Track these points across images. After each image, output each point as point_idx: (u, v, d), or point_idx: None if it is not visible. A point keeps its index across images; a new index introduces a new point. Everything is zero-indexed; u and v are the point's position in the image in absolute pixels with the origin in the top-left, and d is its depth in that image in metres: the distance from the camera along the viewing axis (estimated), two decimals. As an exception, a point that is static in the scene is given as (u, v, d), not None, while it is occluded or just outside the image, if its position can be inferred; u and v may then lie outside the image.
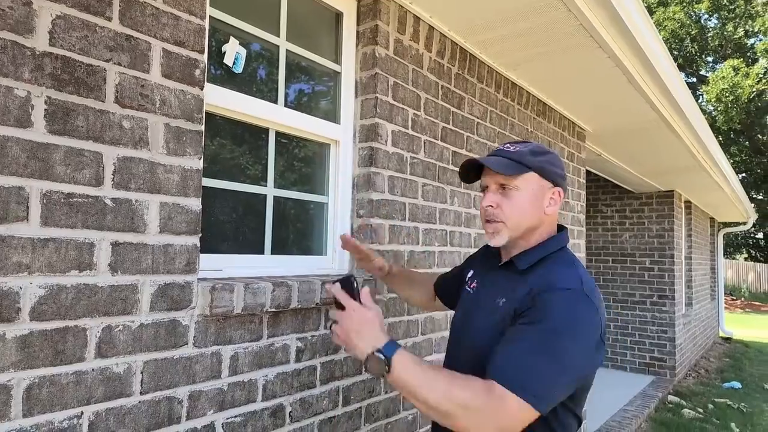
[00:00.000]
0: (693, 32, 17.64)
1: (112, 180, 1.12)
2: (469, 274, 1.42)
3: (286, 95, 1.74)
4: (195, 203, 1.28)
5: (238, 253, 1.59)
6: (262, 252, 1.66)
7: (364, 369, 1.26)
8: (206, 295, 1.27)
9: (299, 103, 1.83)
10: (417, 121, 2.09)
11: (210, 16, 1.45)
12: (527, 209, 1.20)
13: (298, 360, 1.54)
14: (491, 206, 1.19)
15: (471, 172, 1.28)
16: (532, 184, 1.20)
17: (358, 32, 1.95)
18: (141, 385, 1.15)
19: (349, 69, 1.93)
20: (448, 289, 1.58)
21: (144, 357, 1.16)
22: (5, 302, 0.95)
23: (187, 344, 1.25)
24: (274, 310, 1.43)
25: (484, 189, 1.25)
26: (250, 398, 1.39)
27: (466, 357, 1.21)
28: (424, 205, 2.12)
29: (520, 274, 1.18)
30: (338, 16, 1.92)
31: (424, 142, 2.13)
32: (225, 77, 1.54)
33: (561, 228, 1.27)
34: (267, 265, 1.64)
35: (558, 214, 1.37)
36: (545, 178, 1.21)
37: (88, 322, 1.07)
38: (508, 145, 1.24)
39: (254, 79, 1.68)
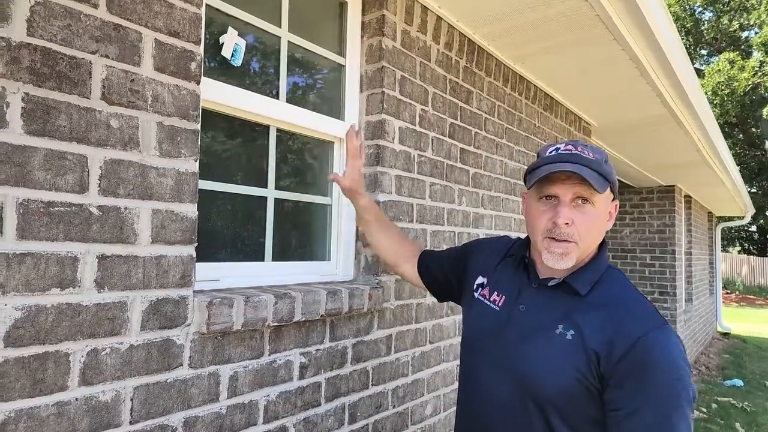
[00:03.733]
0: (688, 25, 17.56)
1: (99, 186, 1.01)
2: (479, 281, 1.27)
3: (288, 90, 1.62)
4: (191, 209, 1.16)
5: (237, 260, 1.48)
6: (262, 259, 1.55)
7: None
8: (203, 311, 1.16)
9: (301, 99, 1.71)
10: (425, 116, 1.98)
11: (207, 5, 1.33)
12: (599, 228, 1.08)
13: (301, 377, 1.43)
14: (568, 224, 1.05)
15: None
16: (605, 199, 1.07)
17: (363, 23, 1.83)
18: (131, 413, 1.04)
19: (354, 62, 1.81)
20: (436, 274, 1.44)
21: (134, 382, 1.05)
22: (-25, 329, 0.84)
23: (181, 366, 1.14)
24: (276, 324, 1.32)
25: (546, 197, 1.08)
26: (250, 421, 1.29)
27: (508, 381, 1.07)
28: (432, 206, 2.01)
29: (577, 296, 1.06)
30: (342, 6, 1.80)
31: (432, 139, 2.02)
32: (223, 71, 1.42)
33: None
34: (268, 273, 1.53)
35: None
36: (612, 191, 1.09)
37: (71, 345, 0.95)
38: (581, 148, 1.07)
39: (254, 73, 1.56)
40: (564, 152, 1.07)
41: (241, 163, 1.53)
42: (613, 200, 1.12)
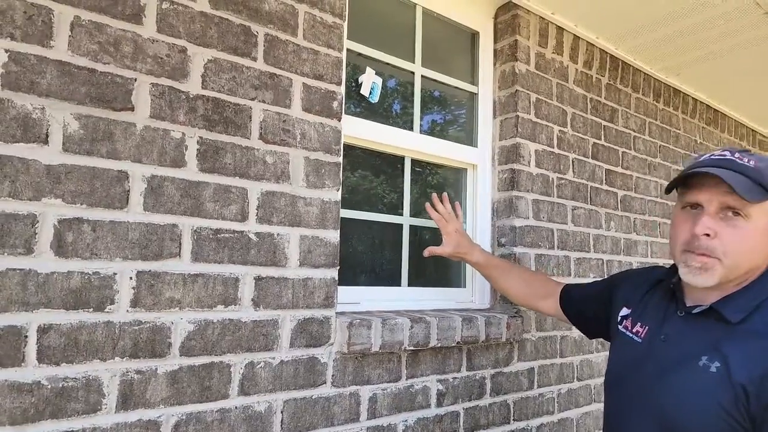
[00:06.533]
0: None
1: (256, 215, 1.13)
2: (624, 312, 1.15)
3: (422, 121, 1.67)
4: (333, 235, 1.25)
5: (375, 285, 1.53)
6: (399, 284, 1.59)
7: None
8: (344, 331, 1.21)
9: (435, 129, 1.76)
10: (563, 138, 1.89)
11: (347, 49, 1.45)
12: (754, 246, 0.92)
13: (439, 404, 1.42)
14: (708, 235, 0.92)
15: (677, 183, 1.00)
16: (765, 214, 0.92)
17: (495, 50, 1.83)
18: (281, 425, 1.12)
19: (486, 89, 1.82)
20: (581, 309, 1.34)
21: (284, 396, 1.14)
22: (158, 337, 0.98)
23: (325, 383, 1.20)
24: (412, 348, 1.33)
25: (691, 206, 0.97)
26: (389, 444, 1.30)
27: (648, 418, 0.96)
28: (575, 231, 1.90)
29: (726, 324, 0.92)
30: (474, 36, 1.83)
31: (573, 161, 1.92)
32: (362, 108, 1.52)
33: None
34: (404, 297, 1.56)
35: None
36: None
37: (232, 358, 1.07)
38: (738, 155, 0.95)
39: (390, 107, 1.64)
40: (717, 157, 0.94)
41: (380, 192, 1.60)
42: None
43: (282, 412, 1.13)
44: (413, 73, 1.66)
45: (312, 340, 1.19)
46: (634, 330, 1.10)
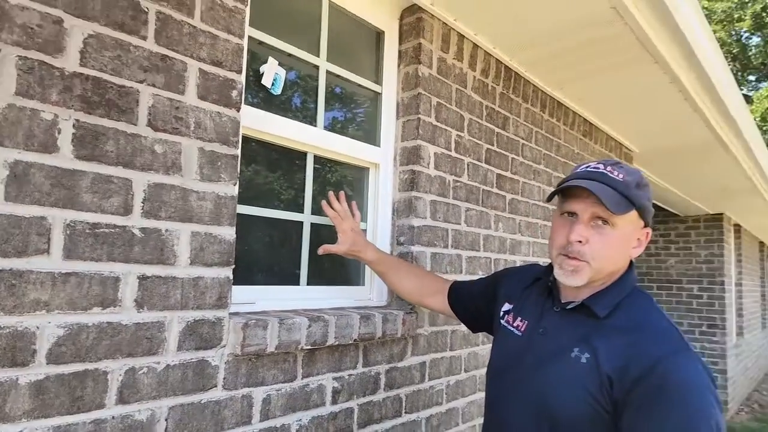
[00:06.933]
0: (734, 51, 17.07)
1: (142, 208, 1.04)
2: (506, 307, 1.26)
3: (325, 117, 1.65)
4: (229, 232, 1.19)
5: (272, 284, 1.49)
6: (297, 283, 1.56)
7: None
8: (238, 333, 1.16)
9: (338, 126, 1.74)
10: (460, 142, 1.97)
11: (249, 36, 1.38)
12: (618, 251, 1.05)
13: (334, 402, 1.42)
14: (580, 241, 1.03)
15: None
16: (629, 223, 1.04)
17: (400, 51, 1.85)
18: (165, 434, 1.05)
19: (390, 89, 1.84)
20: (466, 304, 1.43)
21: (169, 402, 1.06)
22: (20, 344, 0.87)
23: (216, 387, 1.14)
24: (309, 347, 1.32)
25: (568, 214, 1.07)
26: (282, 446, 1.28)
27: (525, 406, 1.06)
28: (467, 231, 1.99)
29: (595, 319, 1.03)
30: (379, 35, 1.84)
31: (468, 165, 2.01)
32: (262, 99, 1.47)
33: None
34: (302, 297, 1.53)
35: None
36: (641, 217, 1.05)
37: (110, 364, 0.97)
38: (610, 168, 1.05)
39: (293, 101, 1.60)
40: (592, 170, 1.06)
41: (279, 188, 1.56)
42: (644, 227, 1.07)
43: (167, 419, 1.06)
44: (318, 67, 1.63)
45: (203, 343, 1.12)
46: (515, 324, 1.19)
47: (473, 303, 1.41)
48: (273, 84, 1.46)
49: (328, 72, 1.66)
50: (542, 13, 1.87)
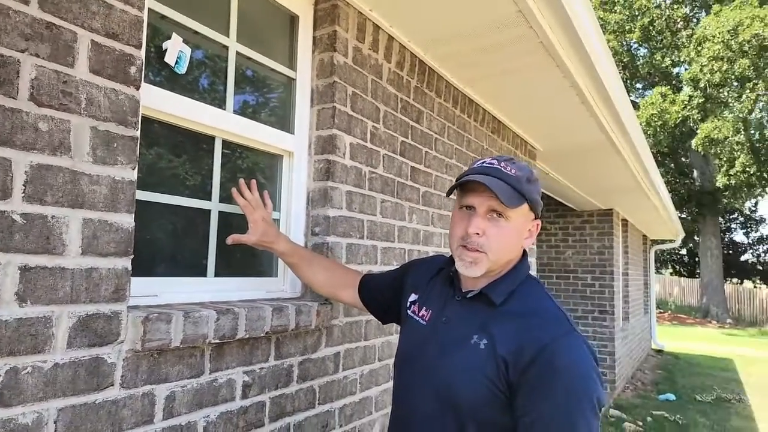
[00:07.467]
0: (625, 60, 18.71)
1: (23, 191, 0.93)
2: (412, 298, 1.29)
3: (235, 101, 1.58)
4: (127, 220, 1.10)
5: (177, 275, 1.41)
6: (204, 274, 1.49)
7: None
8: (138, 327, 1.09)
9: (249, 111, 1.68)
10: (376, 134, 1.98)
11: (150, 9, 1.29)
12: (512, 242, 1.11)
13: (244, 396, 1.37)
14: (478, 234, 1.08)
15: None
16: (521, 215, 1.11)
17: (314, 37, 1.82)
18: (52, 439, 0.96)
19: (304, 76, 1.80)
20: (376, 297, 1.45)
21: (58, 403, 0.97)
22: None
23: (112, 385, 1.06)
24: (218, 341, 1.26)
25: (466, 207, 1.12)
26: (188, 445, 1.21)
27: (430, 394, 1.10)
28: (382, 222, 2.01)
29: (492, 307, 1.09)
30: (294, 20, 1.79)
31: (383, 156, 2.03)
32: (166, 78, 1.37)
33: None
34: (210, 289, 1.47)
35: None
36: (531, 209, 1.13)
37: (-16, 365, 0.87)
38: (504, 164, 1.11)
39: (199, 82, 1.52)
40: (487, 165, 1.11)
41: (185, 174, 1.47)
42: (535, 219, 1.15)
43: (56, 421, 0.96)
44: (227, 47, 1.56)
45: (97, 339, 1.03)
46: (420, 314, 1.23)
47: (382, 295, 1.43)
48: (177, 62, 1.37)
49: (238, 53, 1.59)
50: (453, 13, 1.93)
